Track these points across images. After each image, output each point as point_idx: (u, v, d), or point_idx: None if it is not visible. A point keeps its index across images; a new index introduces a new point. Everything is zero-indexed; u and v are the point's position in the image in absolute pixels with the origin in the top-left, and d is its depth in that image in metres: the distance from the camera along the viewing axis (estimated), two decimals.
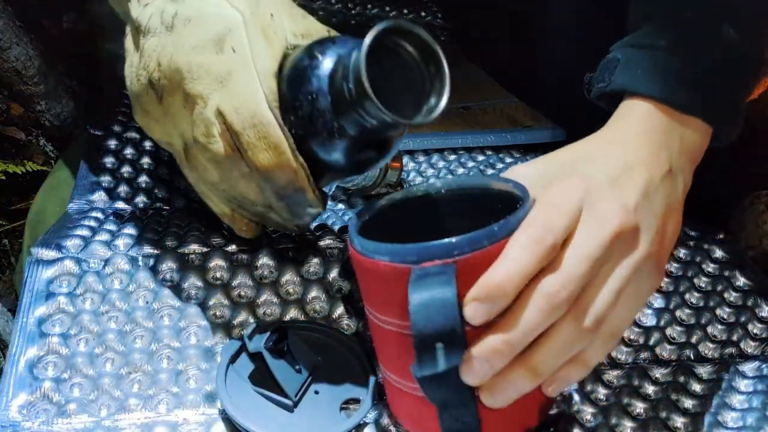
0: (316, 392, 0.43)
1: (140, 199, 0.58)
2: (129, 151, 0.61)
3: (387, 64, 0.38)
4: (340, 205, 0.61)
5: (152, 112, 0.47)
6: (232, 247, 0.52)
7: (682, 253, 0.57)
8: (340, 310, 0.50)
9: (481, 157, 0.68)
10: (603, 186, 0.38)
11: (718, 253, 0.57)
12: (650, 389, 0.47)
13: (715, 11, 0.45)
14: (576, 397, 0.46)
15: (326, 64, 0.41)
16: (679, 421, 0.45)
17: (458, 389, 0.37)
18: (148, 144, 0.62)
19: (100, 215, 0.55)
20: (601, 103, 0.48)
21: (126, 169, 0.59)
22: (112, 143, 0.62)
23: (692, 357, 0.50)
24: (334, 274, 0.52)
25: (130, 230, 0.53)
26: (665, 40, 0.45)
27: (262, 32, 0.43)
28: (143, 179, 0.59)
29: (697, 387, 0.48)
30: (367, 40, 0.37)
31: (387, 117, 0.37)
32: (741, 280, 0.56)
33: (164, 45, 0.44)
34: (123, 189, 0.58)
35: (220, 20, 0.43)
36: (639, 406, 0.46)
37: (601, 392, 0.47)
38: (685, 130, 0.44)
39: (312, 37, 0.45)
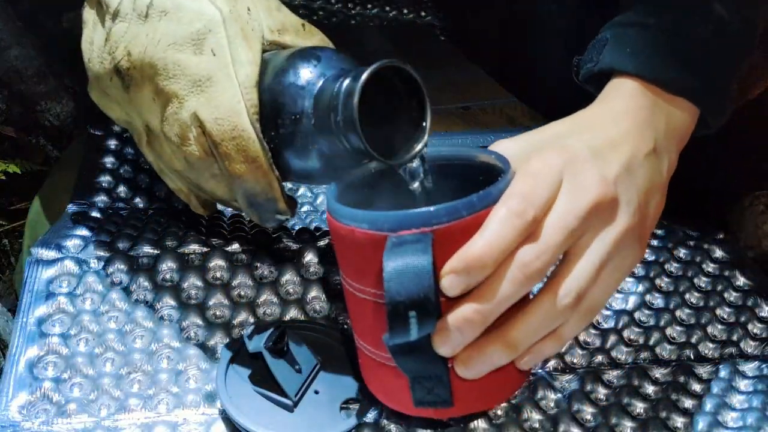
0: (316, 392, 0.43)
1: (140, 199, 0.58)
2: (129, 151, 0.61)
3: (371, 90, 0.38)
4: None
5: (114, 96, 0.46)
6: (232, 247, 0.52)
7: (682, 253, 0.57)
8: (339, 310, 0.50)
9: None
10: (585, 157, 0.38)
11: (718, 253, 0.57)
12: (650, 389, 0.47)
13: None
14: (576, 397, 0.46)
15: (312, 83, 0.41)
16: (679, 421, 0.45)
17: (431, 360, 0.37)
18: None
19: (100, 215, 0.55)
20: (589, 87, 0.47)
21: (126, 169, 0.59)
22: (112, 143, 0.61)
23: (692, 357, 0.50)
24: (333, 273, 0.52)
25: (130, 230, 0.53)
26: (655, 18, 0.45)
27: (241, 31, 0.42)
28: (143, 179, 0.59)
29: (697, 387, 0.48)
30: (360, 82, 0.36)
31: (369, 153, 0.37)
32: (741, 280, 0.56)
33: (136, 35, 0.43)
34: (123, 189, 0.58)
35: (198, 17, 0.42)
36: (639, 406, 0.46)
37: (601, 392, 0.47)
38: (672, 110, 0.43)
39: (288, 32, 0.45)
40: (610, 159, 0.39)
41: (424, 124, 0.40)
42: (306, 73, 0.41)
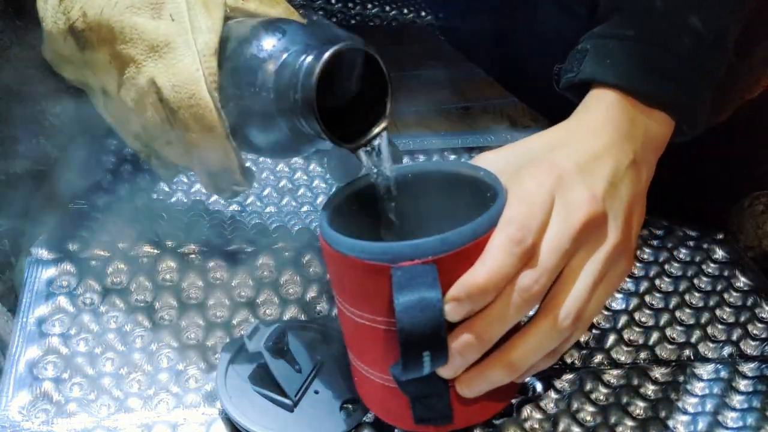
0: (316, 392, 0.43)
1: (140, 199, 0.58)
2: (129, 151, 0.61)
3: (337, 72, 0.37)
4: None
5: (68, 56, 0.45)
6: (232, 247, 0.52)
7: (682, 253, 0.57)
8: None
9: None
10: (572, 174, 0.38)
11: (718, 253, 0.57)
12: (650, 389, 0.47)
13: (684, 2, 0.45)
14: (576, 397, 0.46)
15: (274, 56, 0.40)
16: (679, 421, 0.45)
17: (433, 382, 0.37)
18: None
19: (99, 215, 0.55)
20: (568, 94, 0.48)
21: (126, 169, 0.60)
22: (112, 143, 0.61)
23: (692, 357, 0.50)
24: None
25: (130, 230, 0.53)
26: (634, 30, 0.45)
27: None
28: (143, 179, 0.59)
29: (697, 387, 0.48)
30: (321, 61, 0.36)
31: (324, 133, 0.36)
32: (741, 280, 0.56)
33: None
34: (123, 189, 0.58)
35: None
36: (639, 406, 0.46)
37: (601, 392, 0.47)
38: (650, 121, 0.44)
39: None
40: (596, 174, 0.39)
41: (385, 110, 0.39)
42: (269, 46, 0.40)
